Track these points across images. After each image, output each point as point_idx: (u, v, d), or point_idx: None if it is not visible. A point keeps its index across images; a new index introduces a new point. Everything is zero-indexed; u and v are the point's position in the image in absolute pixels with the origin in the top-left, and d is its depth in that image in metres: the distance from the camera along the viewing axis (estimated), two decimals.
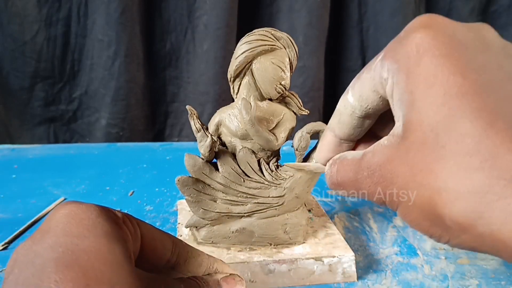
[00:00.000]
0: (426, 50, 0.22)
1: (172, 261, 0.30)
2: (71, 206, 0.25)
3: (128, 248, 0.25)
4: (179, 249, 0.30)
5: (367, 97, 0.27)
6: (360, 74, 0.28)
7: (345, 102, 0.29)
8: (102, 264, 0.22)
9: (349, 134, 0.30)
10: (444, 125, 0.21)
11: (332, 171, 0.29)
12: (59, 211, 0.25)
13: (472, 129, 0.20)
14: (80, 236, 0.23)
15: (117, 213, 0.27)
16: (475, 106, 0.20)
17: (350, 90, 0.28)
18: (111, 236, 0.24)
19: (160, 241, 0.29)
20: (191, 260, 0.31)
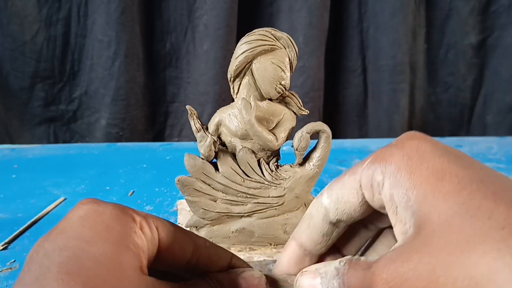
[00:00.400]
0: (427, 151, 0.24)
1: (193, 262, 0.29)
2: (89, 207, 0.25)
3: (139, 256, 0.25)
4: (200, 251, 0.29)
5: (346, 201, 0.27)
6: (342, 177, 0.28)
7: (319, 204, 0.29)
8: (107, 273, 0.22)
9: (316, 242, 0.29)
10: (468, 208, 0.20)
11: (347, 274, 0.25)
12: (77, 212, 0.25)
13: (497, 208, 0.20)
14: (90, 241, 0.23)
15: (136, 216, 0.26)
16: (493, 189, 0.21)
17: (326, 192, 0.28)
18: (122, 243, 0.24)
19: (179, 244, 0.28)
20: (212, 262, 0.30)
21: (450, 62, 1.14)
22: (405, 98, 1.10)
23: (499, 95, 1.14)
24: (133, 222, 0.26)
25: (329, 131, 0.41)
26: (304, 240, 0.30)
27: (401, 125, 1.11)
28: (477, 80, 1.16)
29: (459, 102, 1.18)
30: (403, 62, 1.07)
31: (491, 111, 1.16)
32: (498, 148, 0.89)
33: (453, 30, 1.11)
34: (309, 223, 0.29)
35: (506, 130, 1.15)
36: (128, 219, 0.25)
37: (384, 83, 1.09)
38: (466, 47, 1.12)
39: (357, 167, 0.26)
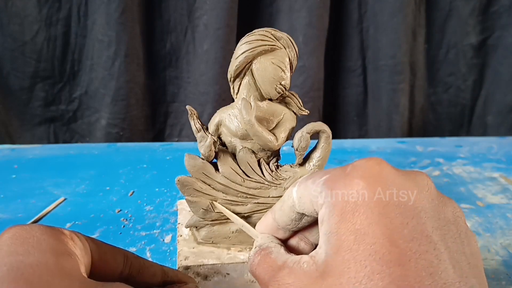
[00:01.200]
0: (364, 203, 0.24)
1: (125, 273, 0.30)
2: (15, 229, 0.25)
3: (76, 261, 0.25)
4: (131, 260, 0.31)
5: (305, 203, 0.28)
6: (308, 178, 0.29)
7: (290, 194, 0.30)
8: (49, 275, 0.23)
9: (286, 223, 0.31)
10: (362, 286, 0.21)
11: (254, 260, 0.29)
12: (3, 236, 0.25)
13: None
14: (25, 254, 0.23)
15: (64, 231, 0.27)
16: (394, 276, 0.21)
17: (297, 186, 0.29)
18: (57, 250, 0.25)
19: (111, 255, 0.30)
20: (144, 271, 0.32)
21: (450, 62, 1.14)
22: (405, 98, 1.10)
23: (499, 95, 1.14)
24: (63, 235, 0.27)
25: (329, 131, 0.41)
26: (277, 218, 0.31)
27: (401, 125, 1.11)
28: (478, 80, 1.16)
29: (459, 102, 1.18)
30: (403, 62, 1.07)
31: (491, 112, 1.17)
32: (498, 148, 0.89)
33: (454, 30, 1.11)
34: (282, 206, 0.31)
35: (506, 130, 1.15)
36: (58, 233, 0.26)
37: (384, 83, 1.09)
38: (466, 47, 1.12)
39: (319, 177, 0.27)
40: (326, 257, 0.24)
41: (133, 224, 0.55)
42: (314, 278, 0.24)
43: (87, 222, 0.55)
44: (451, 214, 0.25)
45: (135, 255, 0.32)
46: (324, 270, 0.23)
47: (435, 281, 0.21)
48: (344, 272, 0.22)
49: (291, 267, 0.26)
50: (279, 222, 0.31)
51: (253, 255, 0.30)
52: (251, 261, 0.30)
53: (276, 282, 0.26)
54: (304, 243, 0.32)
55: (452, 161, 0.80)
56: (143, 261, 0.33)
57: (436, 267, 0.22)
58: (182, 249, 0.43)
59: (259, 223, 0.33)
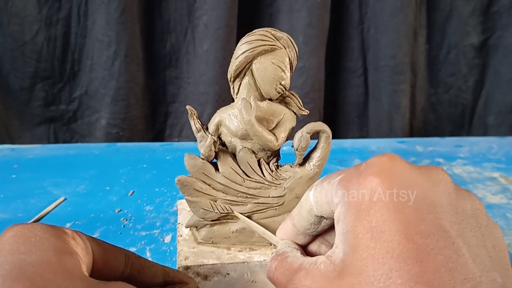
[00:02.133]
0: (379, 200, 0.23)
1: (127, 272, 0.31)
2: (17, 228, 0.25)
3: (78, 260, 0.25)
4: (132, 260, 0.31)
5: (322, 205, 0.28)
6: (324, 180, 0.28)
7: (307, 197, 0.30)
8: (51, 274, 0.23)
9: (305, 227, 0.30)
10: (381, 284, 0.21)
11: (272, 265, 0.29)
12: (5, 234, 0.25)
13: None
14: (27, 252, 0.24)
15: (66, 230, 0.27)
16: (413, 273, 0.21)
17: (313, 189, 0.29)
18: (59, 249, 0.25)
19: (112, 254, 0.30)
20: (145, 271, 0.32)
21: (451, 63, 1.14)
22: (406, 99, 1.10)
23: (500, 95, 1.14)
24: (65, 234, 0.27)
25: (329, 131, 0.41)
26: (296, 223, 0.31)
27: (402, 125, 1.11)
28: (478, 80, 1.16)
29: (460, 103, 1.18)
30: (404, 62, 1.07)
31: (492, 112, 1.16)
32: (498, 148, 0.89)
33: (454, 30, 1.11)
34: (300, 211, 0.31)
35: (507, 130, 1.15)
36: (60, 232, 0.26)
37: (385, 84, 1.09)
38: (467, 47, 1.12)
39: (334, 177, 0.27)
40: (343, 256, 0.24)
41: (133, 224, 0.55)
42: (332, 278, 0.24)
43: (87, 222, 0.55)
44: (469, 208, 0.25)
45: (137, 255, 0.32)
46: (342, 269, 0.23)
47: (455, 276, 0.21)
48: (362, 271, 0.22)
49: (307, 269, 0.26)
50: (298, 227, 0.31)
51: (270, 261, 0.30)
52: (268, 267, 0.29)
53: (294, 284, 0.26)
54: (325, 246, 0.31)
55: (452, 161, 0.80)
56: (144, 261, 0.33)
57: (455, 262, 0.21)
58: (182, 249, 0.43)
59: (279, 230, 0.33)
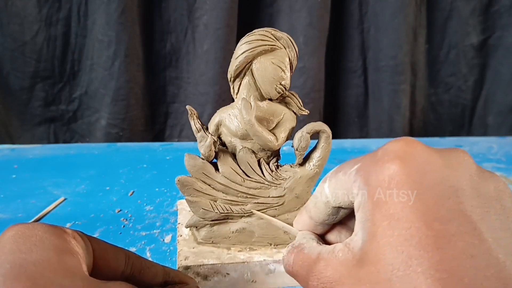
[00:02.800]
0: (397, 187, 0.23)
1: (127, 272, 0.31)
2: (18, 227, 0.25)
3: (78, 259, 0.25)
4: (132, 260, 0.31)
5: (340, 196, 0.28)
6: (338, 171, 0.28)
7: (322, 190, 0.29)
8: (52, 272, 0.23)
9: (323, 219, 0.30)
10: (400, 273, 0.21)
11: (289, 259, 0.29)
12: (6, 234, 0.25)
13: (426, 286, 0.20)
14: (28, 251, 0.24)
15: (66, 230, 0.27)
16: (433, 261, 0.20)
17: (327, 181, 0.29)
18: (60, 248, 0.25)
19: (112, 254, 0.30)
20: (146, 271, 0.32)
21: (451, 63, 1.14)
22: (406, 99, 1.10)
23: (500, 95, 1.14)
24: (65, 233, 0.27)
25: (329, 131, 0.41)
26: (313, 216, 0.31)
27: (402, 125, 1.11)
28: (478, 80, 1.16)
29: (460, 103, 1.18)
30: (404, 62, 1.07)
31: (492, 112, 1.16)
32: (498, 148, 0.89)
33: (454, 30, 1.11)
34: (316, 203, 0.30)
35: (507, 130, 1.15)
36: (60, 232, 0.26)
37: (385, 84, 1.09)
38: (467, 47, 1.12)
39: (349, 167, 0.27)
40: (362, 244, 0.23)
41: (133, 224, 0.55)
42: (351, 266, 0.23)
43: (87, 222, 0.55)
44: (493, 190, 0.24)
45: (137, 255, 0.32)
46: (361, 257, 0.23)
47: (477, 262, 0.20)
48: (380, 259, 0.22)
49: (326, 259, 0.25)
50: (316, 219, 0.30)
51: (286, 255, 0.29)
52: (286, 262, 0.29)
53: (315, 276, 0.25)
54: (345, 231, 0.31)
55: None
56: (144, 261, 0.33)
57: (477, 248, 0.21)
58: (182, 249, 0.43)
59: (296, 222, 0.33)
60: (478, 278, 0.20)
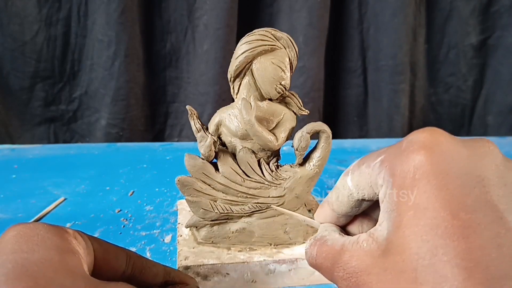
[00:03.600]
0: (422, 177, 0.23)
1: (128, 272, 0.31)
2: (19, 227, 0.25)
3: (80, 259, 0.25)
4: (133, 260, 0.31)
5: (364, 188, 0.28)
6: (361, 164, 0.28)
7: (344, 183, 0.29)
8: (53, 272, 0.23)
9: (346, 211, 0.30)
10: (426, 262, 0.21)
11: (312, 252, 0.29)
12: (7, 233, 0.25)
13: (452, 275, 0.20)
14: (30, 251, 0.24)
15: (67, 230, 0.27)
16: (459, 250, 0.20)
17: (350, 174, 0.29)
18: (61, 248, 0.25)
19: (113, 254, 0.30)
20: (146, 271, 0.32)
21: (450, 62, 1.14)
22: (405, 98, 1.10)
23: (499, 95, 1.14)
24: (67, 233, 0.27)
25: (329, 131, 0.41)
26: (336, 208, 0.30)
27: (402, 125, 1.11)
28: (478, 80, 1.16)
29: (460, 102, 1.18)
30: (404, 62, 1.07)
31: (491, 111, 1.16)
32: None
33: (454, 30, 1.11)
34: (338, 196, 0.30)
35: (506, 130, 1.15)
36: (62, 231, 0.27)
37: (385, 83, 1.09)
38: (466, 47, 1.12)
39: (373, 159, 0.27)
40: (387, 234, 0.23)
41: (133, 224, 0.55)
42: (376, 256, 0.23)
43: (87, 222, 0.55)
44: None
45: (138, 254, 0.32)
46: (386, 247, 0.23)
47: (503, 252, 0.20)
48: (405, 249, 0.22)
49: (350, 250, 0.25)
50: (339, 211, 0.30)
51: (309, 248, 0.29)
52: (309, 255, 0.29)
53: (341, 267, 0.25)
54: (367, 221, 0.31)
55: None
56: (145, 261, 0.33)
57: (503, 238, 0.21)
58: (182, 249, 0.43)
59: (318, 215, 0.33)
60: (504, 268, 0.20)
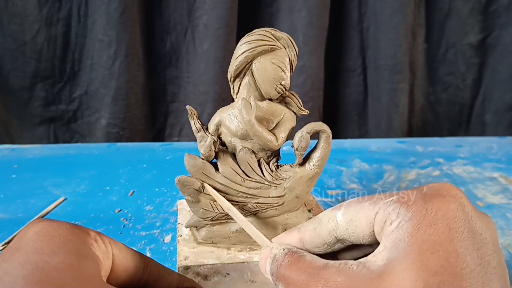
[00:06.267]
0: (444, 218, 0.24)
1: (144, 280, 0.30)
2: (43, 224, 0.25)
3: (98, 266, 0.25)
4: (151, 268, 0.31)
5: (358, 225, 0.28)
6: (362, 201, 0.28)
7: (332, 217, 0.29)
8: (72, 279, 0.23)
9: (315, 246, 0.30)
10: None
11: (283, 261, 0.28)
12: (30, 229, 0.25)
13: None
14: (51, 254, 0.23)
15: (90, 232, 0.27)
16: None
17: (343, 208, 0.29)
18: (81, 253, 0.25)
19: (132, 260, 0.30)
20: (162, 279, 0.32)
21: (449, 62, 1.14)
22: (404, 98, 1.11)
23: (498, 94, 1.15)
24: (88, 236, 0.27)
25: (329, 131, 0.41)
26: (306, 239, 0.30)
27: (401, 124, 1.11)
28: (477, 79, 1.16)
29: (459, 101, 1.18)
30: (403, 61, 1.07)
31: (490, 110, 1.17)
32: (498, 148, 0.89)
33: (453, 29, 1.11)
34: (316, 228, 0.30)
35: (505, 129, 1.15)
36: (83, 234, 0.26)
37: (384, 83, 1.09)
38: (465, 46, 1.13)
39: (380, 199, 0.27)
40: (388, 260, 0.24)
41: (133, 224, 0.55)
42: (369, 279, 0.24)
43: (87, 222, 0.55)
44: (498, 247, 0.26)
45: (155, 261, 0.32)
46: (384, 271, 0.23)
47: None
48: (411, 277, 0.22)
49: (337, 267, 0.25)
50: (308, 244, 0.30)
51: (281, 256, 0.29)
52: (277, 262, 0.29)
53: (322, 279, 0.25)
54: None
55: (452, 161, 0.80)
56: (162, 269, 0.32)
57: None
58: (182, 249, 0.43)
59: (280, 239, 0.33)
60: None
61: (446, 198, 0.25)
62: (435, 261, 0.22)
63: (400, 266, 0.23)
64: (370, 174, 0.74)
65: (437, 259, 0.22)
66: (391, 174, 0.74)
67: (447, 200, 0.25)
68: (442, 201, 0.25)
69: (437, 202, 0.25)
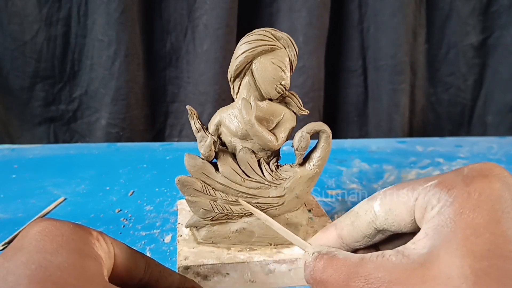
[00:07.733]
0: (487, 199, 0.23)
1: (144, 280, 0.30)
2: (46, 223, 0.25)
3: (101, 265, 0.25)
4: (152, 268, 0.31)
5: (398, 214, 0.27)
6: (399, 188, 0.27)
7: (369, 208, 0.28)
8: (75, 279, 0.23)
9: (356, 240, 0.29)
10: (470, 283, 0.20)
11: (317, 266, 0.27)
12: (33, 228, 0.25)
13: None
14: (54, 253, 0.23)
15: (92, 231, 0.27)
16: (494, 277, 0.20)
17: (379, 198, 0.28)
18: (84, 252, 0.25)
19: (133, 260, 0.30)
20: (163, 280, 0.32)
21: (450, 62, 1.14)
22: (405, 98, 1.10)
23: (499, 95, 1.14)
24: (90, 235, 0.27)
25: (329, 131, 0.41)
26: (345, 235, 0.29)
27: (402, 125, 1.11)
28: (478, 80, 1.16)
29: (460, 102, 1.18)
30: (404, 62, 1.07)
31: (491, 111, 1.17)
32: (498, 148, 0.89)
33: (454, 30, 1.11)
34: (354, 222, 0.29)
35: (506, 130, 1.15)
36: (85, 233, 0.26)
37: (385, 83, 1.09)
38: (466, 47, 1.12)
39: (418, 184, 0.26)
40: (430, 248, 0.23)
41: (133, 224, 0.55)
42: (411, 269, 0.23)
43: (87, 222, 0.55)
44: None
45: (156, 262, 0.32)
46: (427, 259, 0.22)
47: None
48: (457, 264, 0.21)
49: (375, 261, 0.24)
50: (347, 239, 0.29)
51: (312, 262, 0.27)
52: (311, 268, 0.27)
53: (362, 278, 0.24)
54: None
55: (452, 161, 0.80)
56: (163, 269, 0.32)
57: None
58: (182, 249, 0.43)
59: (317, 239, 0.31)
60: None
61: (489, 178, 0.24)
62: (481, 245, 0.21)
63: (444, 253, 0.22)
64: (370, 174, 0.74)
65: (483, 243, 0.21)
66: (391, 174, 0.73)
67: (490, 180, 0.24)
68: (485, 181, 0.24)
69: (479, 184, 0.23)
